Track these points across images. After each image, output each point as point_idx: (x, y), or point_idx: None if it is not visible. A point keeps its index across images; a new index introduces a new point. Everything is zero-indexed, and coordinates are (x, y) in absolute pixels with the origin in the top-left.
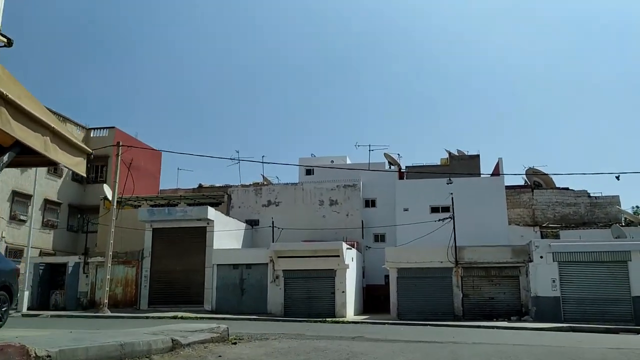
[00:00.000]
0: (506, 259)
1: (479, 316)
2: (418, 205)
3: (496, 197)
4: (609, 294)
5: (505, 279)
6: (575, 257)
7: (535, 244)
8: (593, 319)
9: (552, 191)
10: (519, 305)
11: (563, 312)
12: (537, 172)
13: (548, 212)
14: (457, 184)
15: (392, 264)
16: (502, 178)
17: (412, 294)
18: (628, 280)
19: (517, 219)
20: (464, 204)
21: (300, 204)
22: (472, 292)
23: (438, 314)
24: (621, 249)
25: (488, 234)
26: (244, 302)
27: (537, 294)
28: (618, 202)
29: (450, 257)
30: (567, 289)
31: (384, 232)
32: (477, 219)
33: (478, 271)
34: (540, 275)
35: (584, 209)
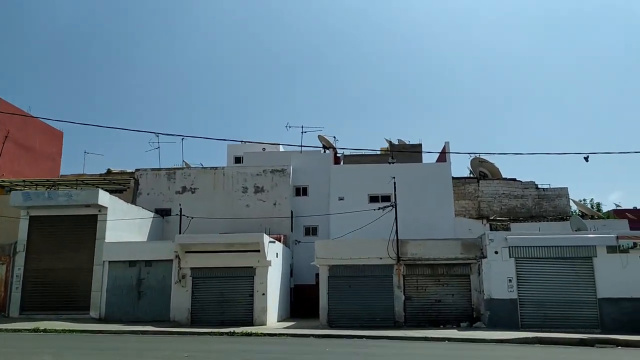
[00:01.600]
0: (455, 255)
1: (424, 322)
2: (355, 194)
3: (442, 185)
4: (573, 295)
5: (454, 279)
6: (534, 253)
7: (489, 237)
8: (554, 324)
9: (499, 182)
10: (469, 309)
11: (520, 317)
12: (483, 161)
13: (494, 204)
14: (399, 171)
15: (323, 260)
16: (448, 164)
17: (345, 297)
18: (593, 279)
19: (462, 212)
20: (407, 193)
21: (220, 191)
22: (415, 293)
23: (376, 320)
24: (586, 244)
25: (433, 227)
26: (142, 307)
27: (490, 295)
28: (567, 194)
29: (391, 252)
30: (525, 289)
31: (316, 225)
32: (421, 210)
33: (423, 269)
34: (494, 273)
35: (531, 201)
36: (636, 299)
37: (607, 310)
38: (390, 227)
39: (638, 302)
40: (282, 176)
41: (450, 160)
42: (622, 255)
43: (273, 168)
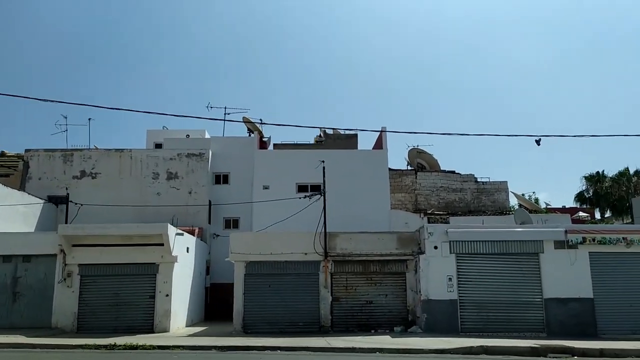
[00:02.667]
0: (390, 250)
1: (353, 327)
2: (282, 183)
3: (378, 174)
4: (518, 296)
5: (389, 277)
6: (477, 248)
7: (428, 230)
8: (497, 328)
9: (437, 174)
10: (405, 312)
11: (461, 320)
12: (421, 152)
13: (432, 197)
14: (331, 158)
15: (239, 255)
16: (385, 151)
17: (264, 298)
18: (539, 278)
19: (399, 205)
20: (340, 182)
21: (127, 177)
22: (344, 294)
23: (299, 325)
24: (533, 238)
25: (367, 220)
26: (17, 311)
27: (428, 296)
28: (506, 188)
29: (317, 246)
30: (466, 289)
31: (237, 216)
32: (355, 201)
33: (353, 266)
34: (433, 271)
35: (470, 195)
36: (584, 299)
37: (554, 312)
38: (320, 219)
39: (586, 303)
40: (199, 161)
41: (387, 147)
42: (570, 251)
43: (189, 152)
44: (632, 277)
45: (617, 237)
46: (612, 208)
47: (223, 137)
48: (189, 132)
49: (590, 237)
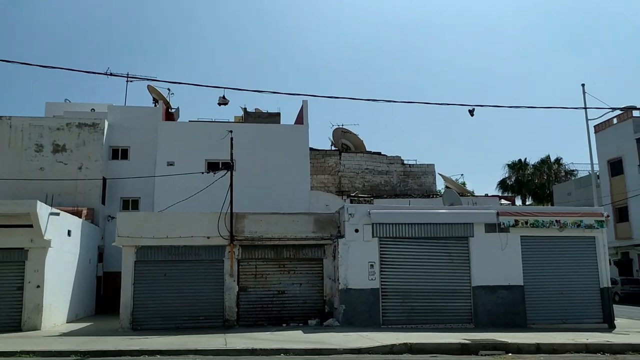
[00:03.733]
0: (306, 234)
1: (262, 320)
2: (189, 159)
3: (298, 151)
4: (445, 283)
5: (304, 264)
6: (403, 232)
7: (348, 212)
8: (422, 319)
9: (363, 156)
10: (321, 303)
11: (382, 311)
12: (346, 132)
13: (357, 180)
14: (247, 134)
15: (128, 239)
16: (305, 127)
17: (158, 289)
18: (469, 264)
19: (322, 188)
20: (255, 160)
21: (4, 148)
22: (253, 283)
23: (199, 320)
24: (463, 221)
25: (284, 201)
26: None
27: (347, 285)
28: (433, 171)
29: (222, 229)
30: (389, 277)
31: (137, 196)
32: (272, 181)
33: (264, 251)
34: (353, 257)
35: (396, 178)
36: (514, 287)
37: (482, 301)
38: (227, 198)
39: (516, 291)
40: (92, 132)
41: (308, 123)
42: (501, 235)
43: (81, 121)
44: (564, 263)
45: (550, 219)
46: (534, 195)
47: (123, 107)
48: (95, 106)
49: (523, 219)
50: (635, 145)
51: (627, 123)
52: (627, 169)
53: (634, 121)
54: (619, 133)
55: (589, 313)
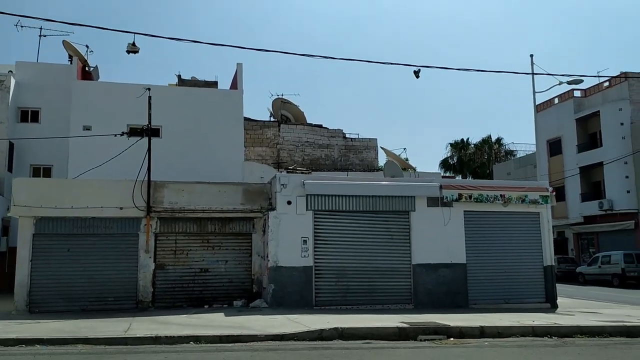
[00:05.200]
0: (234, 206)
1: (182, 301)
2: (109, 123)
3: (231, 119)
4: (384, 261)
5: (231, 239)
6: (340, 205)
7: (281, 182)
8: (359, 300)
9: (303, 128)
10: (249, 282)
11: (315, 292)
12: (286, 102)
13: (296, 153)
14: (174, 98)
15: (25, 209)
16: (240, 92)
17: (61, 266)
18: (409, 240)
19: (259, 161)
20: (183, 126)
21: None
22: (172, 260)
23: (109, 301)
24: (404, 193)
25: (215, 172)
26: None
27: (277, 262)
28: (375, 146)
29: (138, 199)
30: (324, 254)
31: (50, 164)
32: (202, 149)
33: (186, 225)
34: (285, 232)
35: (337, 152)
36: (456, 265)
37: (423, 280)
38: (156, 169)
39: (458, 269)
40: None
41: (243, 89)
42: (444, 210)
43: None
44: (508, 240)
45: (494, 194)
46: (474, 174)
47: (32, 64)
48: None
49: (467, 193)
50: (574, 125)
51: (568, 103)
52: (566, 148)
53: (574, 101)
54: (560, 113)
55: (531, 292)
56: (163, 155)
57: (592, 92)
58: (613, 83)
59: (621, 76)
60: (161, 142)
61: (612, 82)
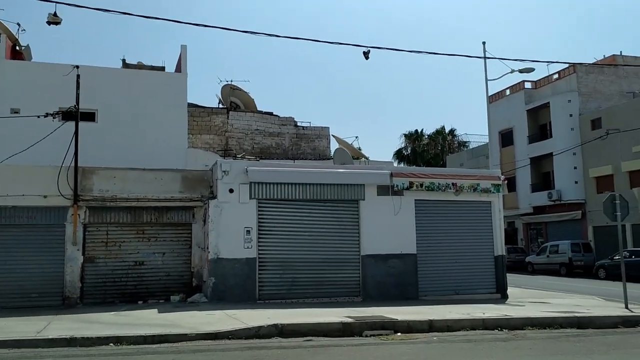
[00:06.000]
0: (172, 194)
1: (114, 297)
2: (39, 106)
3: (174, 103)
4: (332, 252)
5: (169, 230)
6: (286, 193)
7: (222, 168)
8: (305, 293)
9: (253, 115)
10: (188, 275)
11: (259, 285)
12: (235, 88)
13: (246, 141)
14: (113, 81)
15: None
16: (184, 76)
17: None
18: (358, 230)
19: (206, 148)
20: (122, 110)
21: None
22: (104, 253)
23: (32, 298)
24: (353, 182)
25: (156, 159)
26: None
27: (218, 254)
28: (327, 134)
29: (64, 187)
30: (269, 245)
31: None
32: (142, 135)
33: (119, 215)
34: (227, 222)
35: (289, 140)
36: (406, 256)
37: (372, 272)
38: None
39: (408, 260)
40: None
41: (187, 72)
42: (395, 198)
43: None
44: (459, 229)
45: (446, 182)
46: (428, 165)
47: None
48: None
49: (418, 181)
50: (525, 116)
51: (519, 94)
52: (517, 139)
53: (525, 92)
54: (511, 104)
55: (482, 283)
56: (99, 140)
57: (543, 83)
58: (562, 75)
59: (575, 63)
60: (97, 127)
61: (562, 74)
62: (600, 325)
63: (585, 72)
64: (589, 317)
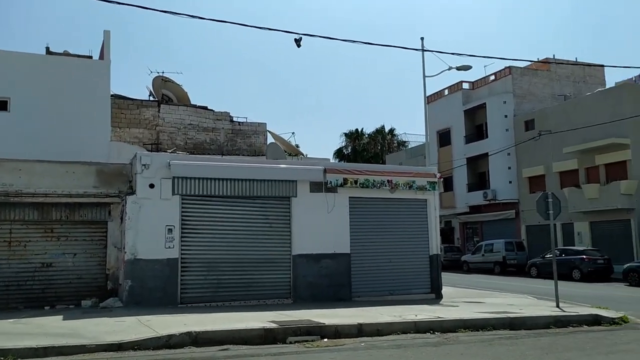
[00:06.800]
0: (85, 189)
1: (17, 301)
2: None
3: (96, 92)
4: (262, 252)
5: (81, 228)
6: (212, 189)
7: (142, 162)
8: (232, 295)
9: (186, 109)
10: (102, 278)
11: (181, 288)
12: (167, 80)
13: (178, 136)
14: (28, 67)
15: None
16: (107, 63)
17: None
18: (289, 229)
19: (136, 143)
20: (39, 99)
21: None
22: (6, 254)
23: None
24: (285, 178)
25: (76, 152)
26: None
27: (136, 255)
28: (264, 130)
29: None
30: (193, 244)
31: None
32: (60, 125)
33: (24, 211)
34: (147, 219)
35: (224, 136)
36: (340, 256)
37: (304, 272)
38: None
39: (342, 260)
40: None
41: (111, 59)
42: (328, 195)
43: None
44: (394, 228)
45: (381, 179)
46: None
47: None
48: None
49: (353, 178)
50: (463, 117)
51: (457, 94)
52: (454, 139)
53: (463, 93)
54: (449, 104)
55: (417, 283)
56: (11, 131)
57: (480, 84)
58: (498, 76)
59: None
60: (9, 117)
61: (498, 75)
62: (532, 325)
63: (520, 74)
64: (522, 318)
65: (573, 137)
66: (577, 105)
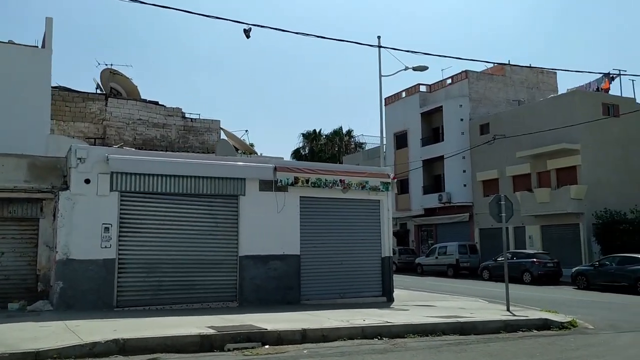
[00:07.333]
0: (15, 183)
1: None
2: None
3: (34, 82)
4: (206, 252)
5: (10, 226)
6: (153, 186)
7: (77, 155)
8: (171, 299)
9: (136, 104)
10: (32, 279)
11: (118, 290)
12: (116, 73)
13: (126, 132)
14: None
15: None
16: (48, 52)
17: None
18: (237, 229)
19: (81, 138)
20: None
21: None
22: None
23: None
24: (233, 175)
25: (11, 146)
26: None
27: (68, 255)
28: (218, 128)
29: None
30: (132, 244)
31: None
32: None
33: None
34: (81, 217)
35: (175, 133)
36: (289, 257)
37: (250, 274)
38: None
39: (291, 262)
40: None
41: (52, 48)
42: (278, 195)
43: None
44: (346, 229)
45: (333, 178)
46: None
47: None
48: None
49: (304, 177)
50: (420, 119)
51: (414, 97)
52: (411, 142)
53: (420, 95)
54: (407, 107)
55: (368, 286)
56: None
57: (437, 87)
58: (455, 80)
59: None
60: None
61: (454, 79)
62: (483, 330)
63: (476, 78)
64: (472, 323)
65: (526, 141)
66: (530, 110)
